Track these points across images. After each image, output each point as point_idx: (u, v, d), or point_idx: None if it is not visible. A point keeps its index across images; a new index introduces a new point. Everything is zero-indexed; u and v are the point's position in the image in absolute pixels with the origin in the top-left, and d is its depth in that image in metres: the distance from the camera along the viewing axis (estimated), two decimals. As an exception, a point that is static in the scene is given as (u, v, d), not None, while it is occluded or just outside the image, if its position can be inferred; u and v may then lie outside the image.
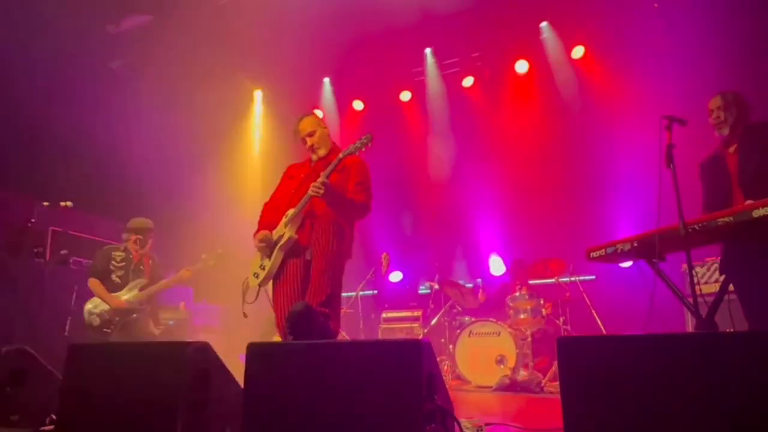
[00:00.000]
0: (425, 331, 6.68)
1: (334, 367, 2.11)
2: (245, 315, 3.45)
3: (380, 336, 6.90)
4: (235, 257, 5.59)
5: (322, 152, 3.61)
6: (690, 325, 4.91)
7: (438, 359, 2.50)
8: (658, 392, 1.69)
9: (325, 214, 3.23)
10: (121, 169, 7.70)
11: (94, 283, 5.06)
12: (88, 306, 5.02)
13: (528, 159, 7.94)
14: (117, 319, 4.96)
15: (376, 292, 7.77)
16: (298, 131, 3.67)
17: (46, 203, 5.62)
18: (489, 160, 8.07)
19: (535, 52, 8.09)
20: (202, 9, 7.36)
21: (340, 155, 3.31)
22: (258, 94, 9.69)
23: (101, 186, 7.55)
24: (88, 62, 7.60)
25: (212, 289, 7.66)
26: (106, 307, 4.97)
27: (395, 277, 8.80)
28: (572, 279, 6.15)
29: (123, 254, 5.24)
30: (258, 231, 3.50)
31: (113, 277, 5.12)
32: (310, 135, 3.62)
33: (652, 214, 3.04)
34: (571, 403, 1.83)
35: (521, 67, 8.25)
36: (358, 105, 9.30)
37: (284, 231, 3.36)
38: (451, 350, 6.03)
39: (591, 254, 3.40)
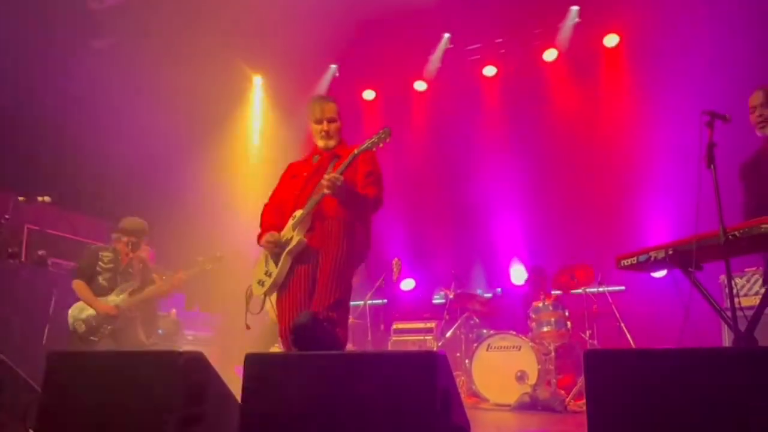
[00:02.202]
0: (439, 344, 6.71)
1: (340, 381, 2.14)
2: (248, 327, 3.49)
3: (390, 349, 6.93)
4: (233, 260, 5.63)
5: (332, 143, 3.62)
6: (727, 341, 4.93)
7: (454, 374, 2.54)
8: (692, 411, 1.73)
9: (335, 214, 3.26)
10: (105, 160, 7.72)
11: (78, 285, 5.08)
12: (73, 311, 5.05)
13: (554, 157, 7.96)
14: (104, 325, 5.00)
15: (386, 301, 7.81)
16: (321, 110, 3.61)
17: (21, 198, 5.66)
18: (511, 157, 8.07)
19: (564, 39, 8.08)
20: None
21: (356, 151, 3.32)
22: (257, 80, 9.75)
23: (82, 179, 7.60)
24: (68, 41, 7.57)
25: (205, 296, 7.72)
26: (92, 312, 4.99)
27: (407, 284, 8.83)
28: (600, 289, 6.16)
29: (111, 255, 5.26)
30: (263, 233, 3.51)
31: (100, 279, 5.15)
32: (330, 121, 3.62)
33: (689, 219, 3.07)
34: (598, 421, 1.87)
35: (549, 55, 8.23)
36: (368, 94, 9.34)
37: (292, 234, 3.37)
38: (467, 365, 6.06)
39: (621, 262, 3.44)
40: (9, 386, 3.08)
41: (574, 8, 7.96)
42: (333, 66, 9.30)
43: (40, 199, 5.63)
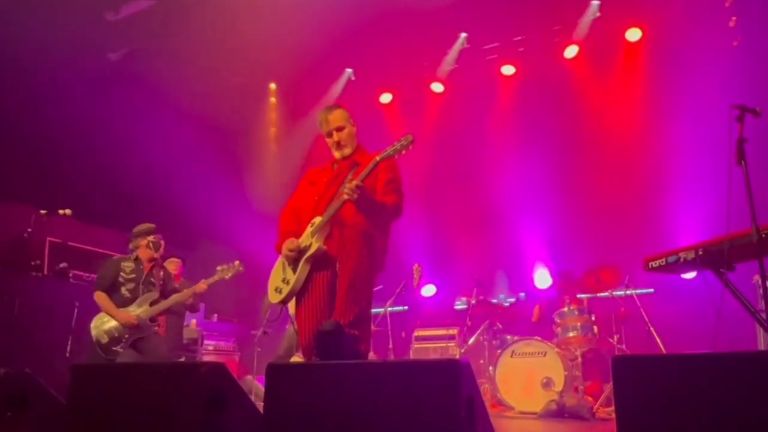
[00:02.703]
0: (462, 351, 6.69)
1: (363, 391, 2.15)
2: (266, 333, 3.51)
3: (412, 356, 6.93)
4: (250, 269, 5.67)
5: (347, 151, 3.65)
6: (762, 344, 4.85)
7: (477, 382, 2.53)
8: (723, 417, 1.70)
9: (355, 223, 3.26)
10: (124, 172, 7.83)
11: (100, 297, 5.15)
12: (96, 322, 5.13)
13: (576, 157, 7.90)
14: (126, 336, 5.07)
15: (406, 308, 7.80)
16: (327, 122, 3.66)
17: (43, 211, 5.75)
18: (532, 158, 8.01)
19: (584, 35, 8.00)
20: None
21: (377, 158, 3.32)
22: (272, 87, 9.81)
23: (102, 192, 7.71)
24: (85, 54, 7.68)
25: (224, 305, 7.79)
26: (114, 323, 5.06)
27: (428, 291, 8.82)
28: (628, 292, 6.10)
29: (133, 265, 5.33)
30: (280, 240, 3.52)
31: (122, 290, 5.20)
32: (339, 130, 3.64)
33: (720, 218, 3.03)
34: (627, 429, 1.85)
35: (570, 52, 8.16)
36: (385, 97, 9.35)
37: (311, 241, 3.38)
38: (491, 372, 6.03)
39: (649, 264, 3.40)
40: (35, 399, 3.13)
41: (595, 3, 7.87)
42: (348, 70, 9.33)
43: (61, 212, 5.72)
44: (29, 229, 5.95)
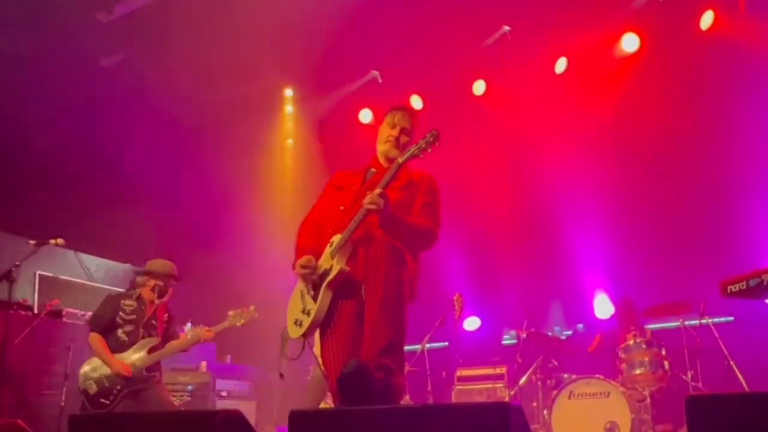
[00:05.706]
0: (512, 392, 6.69)
1: (400, 439, 2.18)
2: (282, 376, 3.49)
3: (454, 400, 6.92)
4: (267, 303, 5.72)
5: (393, 154, 3.61)
6: None
7: (531, 428, 2.52)
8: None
9: (382, 237, 3.23)
10: (122, 196, 7.97)
11: (95, 339, 5.23)
12: (85, 368, 5.19)
13: (641, 167, 7.81)
14: (118, 388, 5.10)
15: (447, 344, 7.82)
16: (401, 117, 3.72)
17: (32, 241, 5.90)
18: (590, 170, 7.92)
19: (646, 23, 7.91)
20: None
21: (400, 160, 3.31)
22: (288, 93, 9.93)
23: (98, 218, 7.85)
24: (75, 61, 7.80)
25: (238, 345, 7.84)
26: (106, 370, 5.12)
27: (471, 324, 8.81)
28: (703, 321, 6.05)
29: (134, 304, 5.40)
30: (297, 260, 3.48)
31: (119, 332, 5.28)
32: (406, 132, 3.68)
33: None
34: (704, 480, 1.86)
35: (629, 43, 8.05)
36: (416, 102, 9.39)
37: (331, 263, 3.33)
38: (546, 416, 6.02)
39: (728, 288, 3.41)
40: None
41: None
42: (375, 72, 9.36)
43: (52, 242, 5.83)
44: (17, 263, 6.08)
